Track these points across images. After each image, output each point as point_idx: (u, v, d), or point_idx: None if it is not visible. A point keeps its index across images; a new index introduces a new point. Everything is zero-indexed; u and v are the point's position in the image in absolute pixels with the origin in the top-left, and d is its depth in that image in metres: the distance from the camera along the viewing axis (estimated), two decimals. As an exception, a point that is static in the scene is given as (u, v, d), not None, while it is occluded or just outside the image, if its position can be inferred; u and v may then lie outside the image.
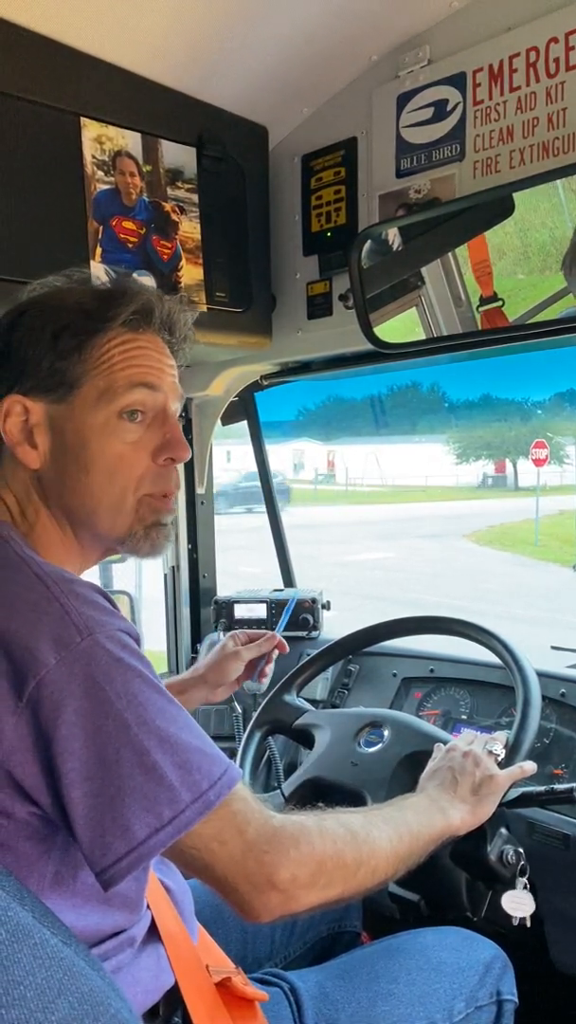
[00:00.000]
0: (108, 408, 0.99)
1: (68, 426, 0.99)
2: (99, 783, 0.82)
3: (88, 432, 0.99)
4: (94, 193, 1.58)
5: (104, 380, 0.99)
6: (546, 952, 1.47)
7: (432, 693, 1.85)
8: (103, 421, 0.99)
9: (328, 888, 0.97)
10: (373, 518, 23.35)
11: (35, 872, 0.86)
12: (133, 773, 0.83)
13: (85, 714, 0.82)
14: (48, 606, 0.86)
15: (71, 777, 0.82)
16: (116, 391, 0.99)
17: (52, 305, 1.01)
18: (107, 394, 0.99)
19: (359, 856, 1.01)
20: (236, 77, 1.71)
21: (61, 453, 1.00)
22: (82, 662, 0.84)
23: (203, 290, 1.78)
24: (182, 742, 0.87)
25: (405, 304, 1.67)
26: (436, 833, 1.15)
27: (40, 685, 0.82)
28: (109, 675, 0.85)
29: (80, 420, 0.99)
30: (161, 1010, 1.00)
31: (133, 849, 0.82)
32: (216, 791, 0.87)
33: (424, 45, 1.62)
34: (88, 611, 0.88)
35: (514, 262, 1.54)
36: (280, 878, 0.91)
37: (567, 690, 1.62)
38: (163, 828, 0.83)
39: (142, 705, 0.85)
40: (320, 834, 0.98)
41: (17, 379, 0.99)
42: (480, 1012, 1.21)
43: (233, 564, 1.57)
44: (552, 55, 1.45)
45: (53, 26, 1.46)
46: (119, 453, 1.00)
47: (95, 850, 0.82)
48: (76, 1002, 0.72)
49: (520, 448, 28.68)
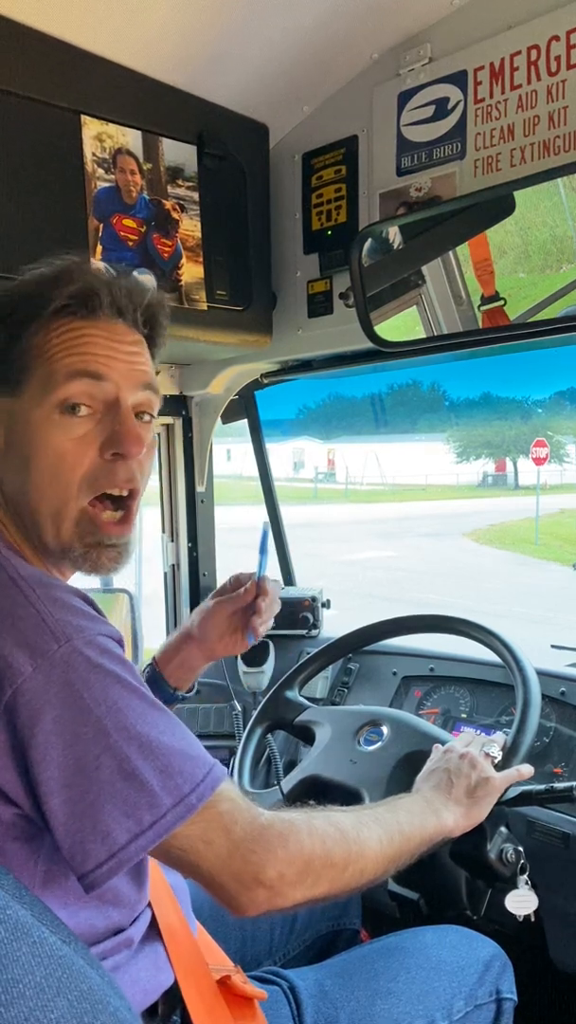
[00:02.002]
0: (48, 401, 0.93)
1: (17, 421, 0.94)
2: (78, 790, 0.82)
3: (32, 427, 0.93)
4: (94, 191, 1.58)
5: (44, 370, 0.93)
6: (546, 950, 1.47)
7: (432, 692, 1.85)
8: (45, 415, 0.93)
9: (315, 886, 0.97)
10: (373, 517, 23.36)
11: (26, 872, 0.86)
12: (112, 779, 0.83)
13: (63, 722, 0.82)
14: (24, 612, 0.85)
15: (50, 785, 0.81)
16: (55, 382, 0.93)
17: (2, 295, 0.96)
18: (47, 386, 0.93)
19: (348, 856, 1.01)
20: (237, 75, 1.71)
21: (10, 450, 0.95)
22: (59, 669, 0.83)
23: (203, 288, 1.77)
24: (163, 746, 0.86)
25: (406, 303, 1.67)
26: (428, 835, 1.14)
27: (16, 693, 0.81)
28: (87, 682, 0.84)
29: (26, 414, 0.93)
30: (160, 1009, 1.00)
31: (113, 855, 0.82)
32: (198, 794, 0.87)
33: (425, 43, 1.62)
34: (66, 616, 0.87)
35: (515, 261, 1.53)
36: (267, 875, 0.91)
37: (567, 689, 1.62)
38: (143, 833, 0.83)
39: (121, 711, 0.85)
40: (309, 833, 0.98)
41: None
42: (479, 1010, 1.21)
43: (233, 562, 1.57)
44: (553, 53, 1.45)
45: (54, 23, 1.46)
46: (61, 450, 0.93)
47: (76, 855, 0.82)
48: (75, 1000, 0.72)
49: (520, 447, 28.70)
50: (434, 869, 1.27)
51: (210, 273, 1.79)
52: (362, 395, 36.26)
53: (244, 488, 1.59)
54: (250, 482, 2.32)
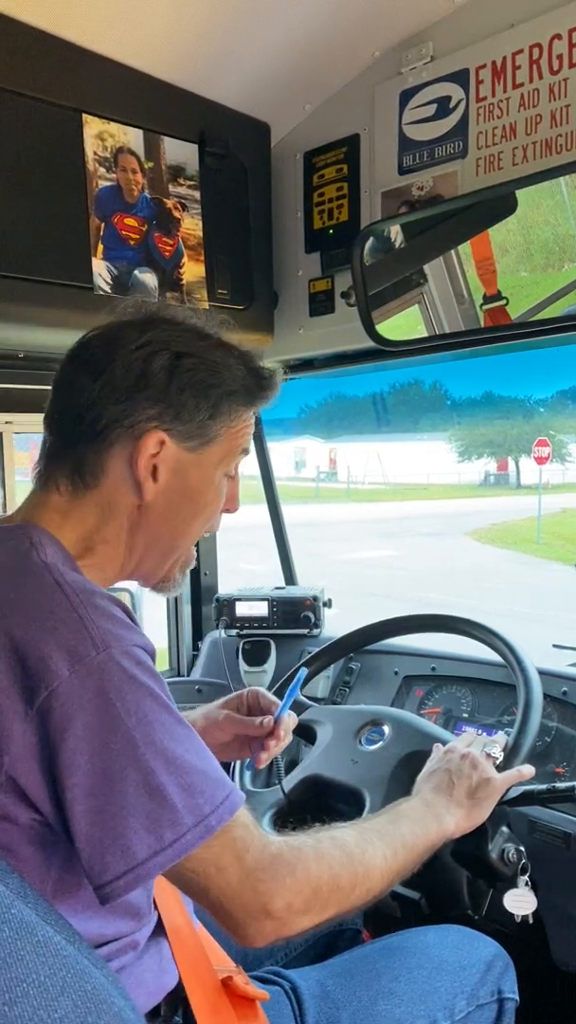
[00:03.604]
0: (224, 467, 1.08)
1: (193, 473, 1.05)
2: (103, 800, 0.82)
3: (207, 483, 1.07)
4: (96, 190, 1.58)
5: (230, 444, 1.08)
6: (547, 950, 1.47)
7: (433, 691, 1.84)
8: (217, 478, 1.08)
9: (323, 912, 0.97)
10: (374, 516, 23.36)
11: (38, 877, 0.86)
12: (137, 792, 0.83)
13: (94, 729, 0.82)
14: (66, 616, 0.86)
15: (75, 792, 0.81)
16: (234, 456, 1.09)
17: (215, 365, 1.04)
18: (228, 457, 1.08)
19: (354, 878, 1.01)
20: (238, 73, 1.71)
21: (177, 494, 1.04)
22: (95, 676, 0.83)
23: (205, 287, 1.77)
24: (188, 764, 0.87)
25: (407, 301, 1.67)
26: (431, 841, 1.15)
27: (52, 696, 0.81)
28: (121, 692, 0.84)
29: (204, 471, 1.06)
30: (162, 1010, 1.00)
31: (132, 869, 0.82)
32: (218, 816, 0.87)
33: (427, 42, 1.62)
34: (106, 624, 0.87)
35: (517, 260, 1.53)
36: (275, 907, 0.92)
37: (569, 688, 1.61)
38: (163, 850, 0.83)
39: (151, 724, 0.85)
40: (317, 859, 0.98)
41: (167, 418, 1.01)
42: (481, 1010, 1.21)
43: (234, 560, 1.57)
44: (555, 52, 1.44)
45: (55, 22, 1.46)
46: (214, 507, 1.10)
47: (94, 866, 0.82)
48: (79, 1000, 0.72)
49: (522, 446, 28.72)
50: (435, 869, 1.27)
51: (211, 272, 1.78)
52: (364, 394, 36.28)
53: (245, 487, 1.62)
54: (251, 481, 2.32)
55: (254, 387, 1.08)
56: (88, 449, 1.00)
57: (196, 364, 1.02)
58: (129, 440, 0.99)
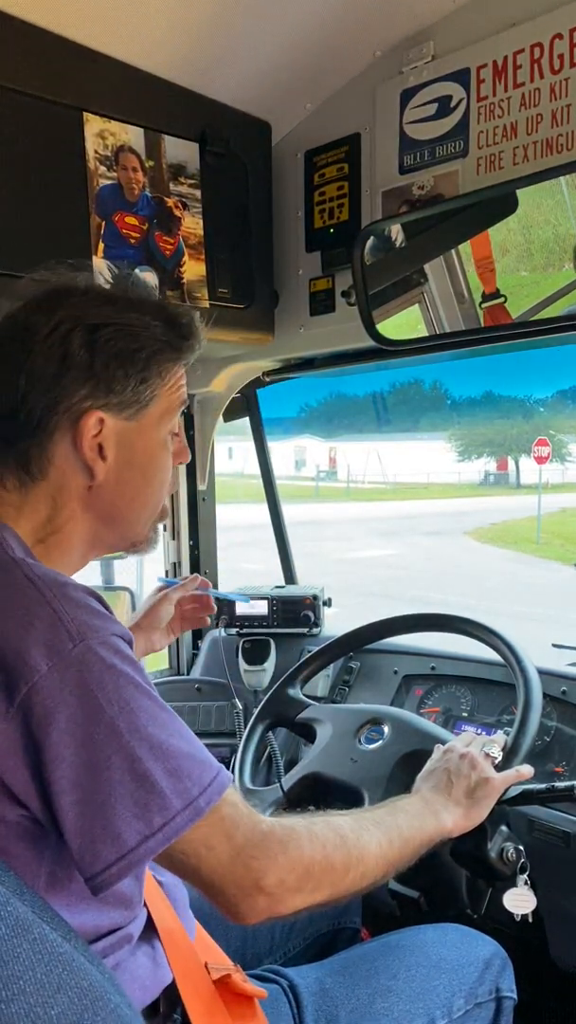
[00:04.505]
0: (166, 427, 1.08)
1: (138, 441, 1.04)
2: (89, 790, 0.82)
3: (153, 448, 1.06)
4: (96, 188, 1.58)
5: (167, 402, 1.07)
6: (546, 949, 1.47)
7: (433, 690, 1.85)
8: (162, 439, 1.07)
9: (316, 892, 0.97)
10: (375, 515, 23.36)
11: (29, 872, 0.86)
12: (124, 780, 0.83)
13: (76, 721, 0.82)
14: (40, 610, 0.86)
15: (61, 784, 0.82)
16: (174, 412, 1.08)
17: (133, 329, 1.03)
18: (168, 414, 1.07)
19: (348, 861, 1.01)
20: (239, 72, 1.71)
21: (127, 467, 1.04)
22: (74, 669, 0.83)
23: (205, 286, 1.77)
24: (173, 748, 0.87)
25: (408, 301, 1.67)
26: (428, 837, 1.15)
27: (31, 691, 0.82)
28: (101, 682, 0.84)
29: (148, 437, 1.05)
30: (161, 1007, 1.00)
31: (123, 856, 0.82)
32: (206, 797, 0.87)
33: (428, 41, 1.62)
34: (81, 616, 0.87)
35: (517, 259, 1.53)
36: (267, 882, 0.92)
37: (568, 688, 1.62)
38: (153, 835, 0.83)
39: (134, 712, 0.85)
40: (309, 838, 0.98)
41: (99, 394, 1.00)
42: (479, 1009, 1.21)
43: (235, 560, 1.57)
44: (556, 51, 1.44)
45: (55, 20, 1.46)
46: (167, 466, 1.10)
47: (85, 856, 0.82)
48: (76, 997, 0.72)
49: (522, 446, 28.70)
50: (434, 868, 1.27)
51: (212, 271, 1.78)
52: (364, 393, 36.26)
53: (246, 486, 1.60)
54: (251, 480, 2.32)
55: (177, 339, 1.06)
56: (30, 444, 0.99)
57: (113, 333, 1.01)
58: (68, 425, 0.99)
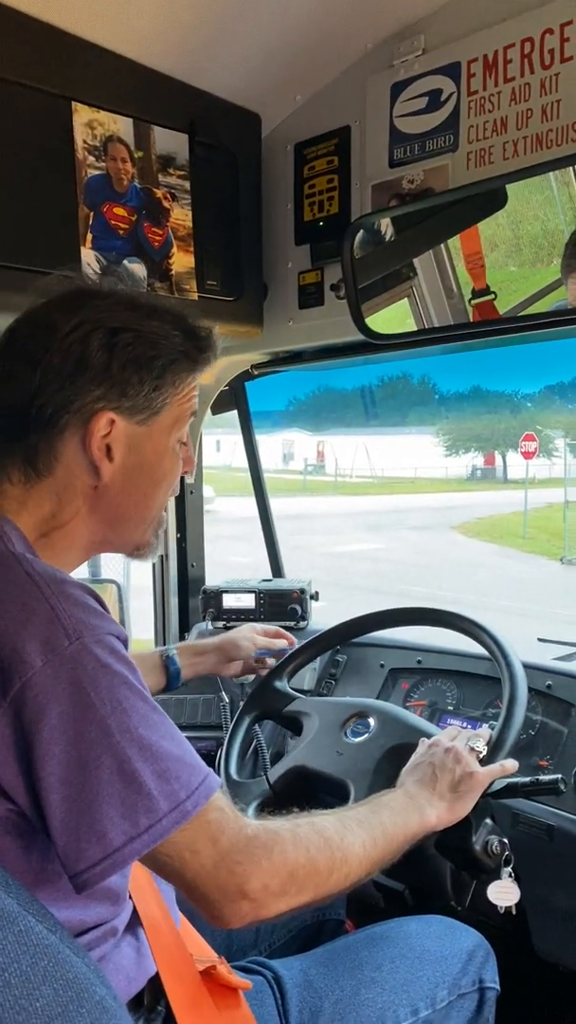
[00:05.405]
0: (176, 434, 1.09)
1: (147, 446, 1.05)
2: (78, 788, 0.82)
3: (161, 453, 1.07)
4: (85, 179, 1.57)
5: (179, 411, 1.08)
6: (529, 941, 1.48)
7: (419, 684, 1.85)
8: (171, 446, 1.09)
9: (299, 895, 0.98)
10: (362, 509, 23.40)
11: (17, 866, 0.86)
12: (112, 779, 0.83)
13: (68, 719, 0.82)
14: (38, 606, 0.86)
15: (50, 781, 0.82)
16: (184, 421, 1.10)
17: (153, 336, 1.04)
18: (178, 423, 1.09)
19: (332, 863, 1.02)
20: (229, 64, 1.70)
21: (134, 470, 1.05)
22: (69, 666, 0.84)
23: (194, 278, 1.77)
24: (163, 750, 0.87)
25: (397, 295, 1.67)
26: (411, 833, 1.15)
27: (25, 687, 0.82)
28: (95, 680, 0.85)
29: (157, 442, 1.06)
30: (146, 998, 1.01)
31: (108, 856, 0.82)
32: (193, 801, 0.88)
33: (419, 34, 1.62)
34: (78, 614, 0.87)
35: (506, 254, 1.53)
36: (251, 887, 0.92)
37: (553, 682, 1.62)
38: (139, 836, 0.84)
39: (126, 712, 0.86)
40: (294, 842, 0.98)
41: (113, 397, 1.01)
42: (462, 1000, 1.22)
43: (222, 553, 1.57)
44: (547, 46, 1.44)
45: (45, 9, 1.45)
46: (175, 473, 1.11)
47: (70, 854, 0.82)
48: (60, 988, 0.72)
49: (509, 441, 28.80)
50: (419, 861, 1.27)
51: (201, 263, 1.78)
52: (352, 387, 36.27)
53: (233, 479, 1.60)
54: (239, 473, 2.32)
55: (194, 351, 1.08)
56: (39, 439, 0.99)
57: (133, 338, 1.02)
58: (79, 424, 0.99)
